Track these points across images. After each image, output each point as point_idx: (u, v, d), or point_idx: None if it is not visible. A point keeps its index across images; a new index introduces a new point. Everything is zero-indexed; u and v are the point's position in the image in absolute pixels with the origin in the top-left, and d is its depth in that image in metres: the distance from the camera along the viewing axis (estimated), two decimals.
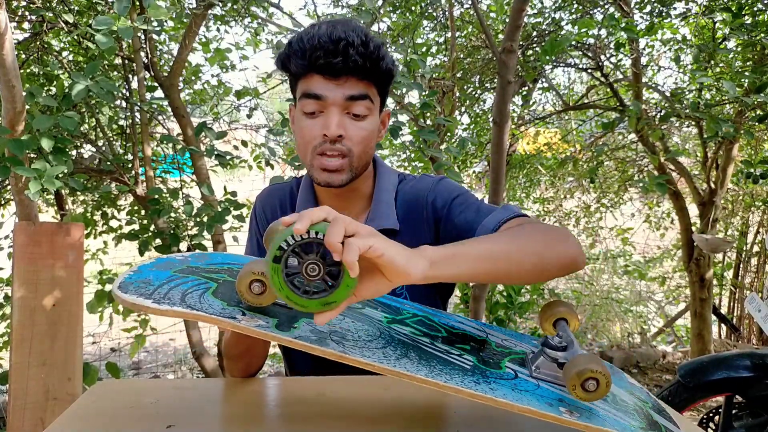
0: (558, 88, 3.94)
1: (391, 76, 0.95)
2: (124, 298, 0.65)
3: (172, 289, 0.69)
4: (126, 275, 0.71)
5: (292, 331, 0.67)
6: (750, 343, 4.57)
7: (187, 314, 0.65)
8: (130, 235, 2.38)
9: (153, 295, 0.66)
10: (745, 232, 4.66)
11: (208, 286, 0.72)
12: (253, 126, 3.36)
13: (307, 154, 0.93)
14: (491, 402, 0.64)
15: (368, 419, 0.78)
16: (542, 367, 0.71)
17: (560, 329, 0.74)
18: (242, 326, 0.66)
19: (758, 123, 2.95)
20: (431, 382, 0.64)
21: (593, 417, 0.65)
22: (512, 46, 2.15)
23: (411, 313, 0.83)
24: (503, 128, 2.28)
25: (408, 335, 0.75)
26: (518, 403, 0.64)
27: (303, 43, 0.89)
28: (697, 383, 2.02)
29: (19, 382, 1.68)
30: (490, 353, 0.76)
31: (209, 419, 0.78)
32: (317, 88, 0.90)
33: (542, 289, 3.96)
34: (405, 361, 0.67)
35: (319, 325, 0.70)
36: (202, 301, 0.68)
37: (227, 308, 0.68)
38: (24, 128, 1.73)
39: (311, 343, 0.65)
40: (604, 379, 0.62)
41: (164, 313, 0.64)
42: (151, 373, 3.98)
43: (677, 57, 3.21)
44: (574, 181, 4.48)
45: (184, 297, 0.68)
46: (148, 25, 1.92)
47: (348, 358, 0.65)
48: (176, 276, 0.73)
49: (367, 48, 0.88)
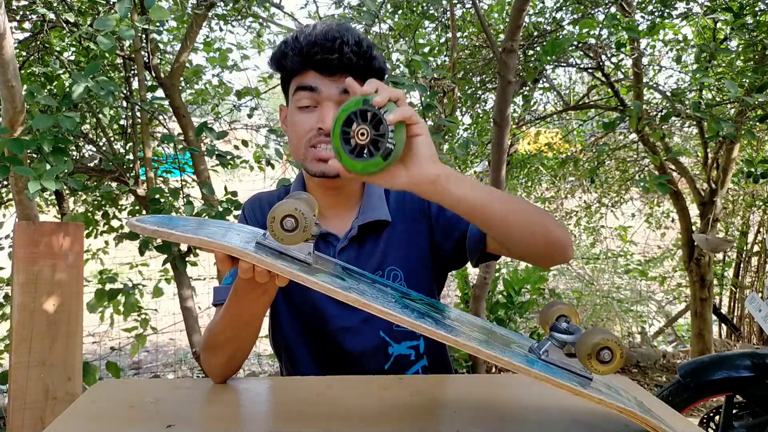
0: (559, 88, 3.94)
1: (384, 74, 0.98)
2: (141, 225, 0.64)
3: (190, 229, 0.68)
4: (135, 219, 0.69)
5: (315, 276, 0.65)
6: (750, 342, 4.56)
7: (209, 243, 0.64)
8: (130, 234, 2.38)
9: (170, 226, 0.65)
10: (746, 232, 4.66)
11: (228, 228, 0.72)
12: (254, 126, 3.36)
13: (301, 147, 0.95)
14: (514, 368, 0.62)
15: (368, 419, 0.77)
16: (550, 352, 0.71)
17: (563, 321, 0.75)
18: (268, 262, 0.65)
19: (759, 123, 2.95)
20: (452, 340, 0.63)
21: (605, 394, 0.65)
22: (513, 45, 2.15)
23: (419, 297, 0.84)
24: (504, 128, 2.28)
25: (423, 309, 0.75)
26: (536, 369, 0.63)
27: (299, 41, 0.92)
28: (697, 383, 2.02)
29: (18, 382, 1.68)
30: (498, 339, 0.76)
31: (209, 419, 0.78)
32: (312, 81, 0.92)
33: (542, 289, 3.96)
34: (424, 320, 0.66)
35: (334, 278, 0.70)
36: (224, 238, 0.67)
37: (250, 247, 0.67)
38: (24, 128, 1.73)
39: (335, 287, 0.64)
40: (619, 349, 0.62)
41: (188, 240, 0.63)
42: (151, 372, 3.98)
43: (678, 57, 3.21)
44: (575, 181, 4.48)
45: (198, 229, 0.67)
46: (150, 25, 1.92)
47: (372, 306, 0.63)
48: (191, 222, 0.73)
49: (360, 47, 0.92)
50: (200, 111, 3.46)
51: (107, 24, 1.66)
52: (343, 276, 0.76)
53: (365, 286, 0.75)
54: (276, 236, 0.65)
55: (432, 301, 0.87)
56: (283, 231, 0.65)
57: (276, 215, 0.64)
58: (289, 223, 0.64)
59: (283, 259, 0.68)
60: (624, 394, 0.73)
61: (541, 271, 3.83)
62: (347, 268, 0.85)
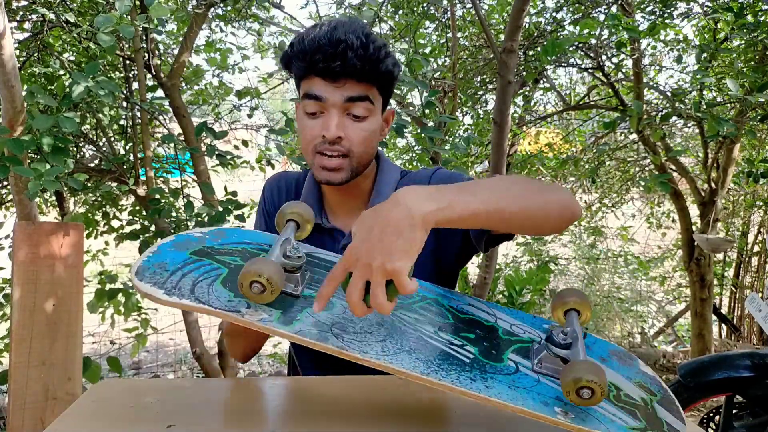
0: (560, 89, 3.94)
1: (393, 76, 0.95)
2: (139, 286, 0.70)
3: (185, 276, 0.72)
4: (145, 257, 0.74)
5: (294, 324, 0.69)
6: (750, 342, 4.56)
7: (195, 307, 0.69)
8: (131, 234, 2.38)
9: (166, 284, 0.70)
10: (746, 232, 4.66)
11: (219, 273, 0.75)
12: (254, 126, 3.36)
13: (308, 152, 0.95)
14: (484, 401, 0.64)
15: (368, 419, 0.77)
16: (545, 362, 0.71)
17: (568, 322, 0.74)
18: (245, 320, 0.68)
19: (760, 123, 2.95)
20: (425, 380, 0.65)
21: (589, 419, 0.65)
22: (513, 45, 2.15)
23: (420, 296, 0.83)
24: (504, 128, 2.27)
25: (411, 324, 0.75)
26: (512, 403, 0.64)
27: (303, 45, 0.90)
28: (697, 383, 2.02)
29: (19, 382, 1.68)
30: (495, 342, 0.75)
31: (209, 419, 0.77)
32: (317, 90, 0.91)
33: (543, 290, 3.96)
34: (403, 356, 0.68)
35: (318, 313, 0.71)
36: (210, 293, 0.71)
37: (233, 300, 0.70)
38: (24, 128, 1.73)
39: (312, 338, 0.67)
40: (599, 389, 0.61)
41: (174, 305, 0.69)
42: (151, 372, 3.98)
43: (679, 57, 3.21)
44: (576, 181, 4.48)
45: (194, 287, 0.71)
46: (150, 24, 1.92)
47: (347, 354, 0.66)
48: (191, 260, 0.76)
49: (366, 50, 0.88)
50: (200, 111, 3.46)
51: (107, 22, 1.66)
52: (334, 296, 0.75)
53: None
54: (251, 299, 0.68)
55: (438, 293, 0.85)
56: (254, 294, 0.67)
57: (243, 281, 0.66)
58: (255, 288, 0.66)
59: None
60: (636, 398, 0.73)
61: (543, 271, 3.83)
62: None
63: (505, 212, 0.73)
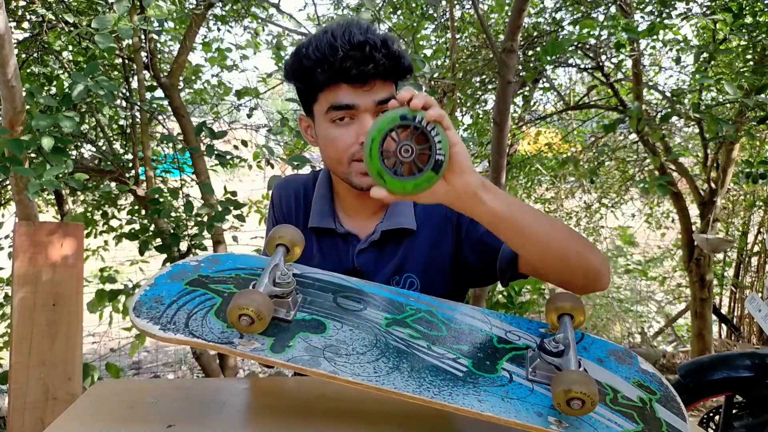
0: (559, 89, 3.94)
1: (411, 71, 0.94)
2: (136, 323, 0.72)
3: (180, 309, 0.74)
4: (142, 292, 0.76)
5: (286, 351, 0.70)
6: (750, 343, 4.56)
7: (190, 342, 0.72)
8: (130, 234, 2.38)
9: (161, 318, 0.72)
10: (746, 232, 4.66)
11: (213, 303, 0.76)
12: (253, 126, 3.35)
13: (343, 162, 0.92)
14: (477, 416, 0.65)
15: (368, 419, 0.77)
16: (539, 369, 0.71)
17: (561, 328, 0.74)
18: (238, 351, 0.70)
19: (758, 124, 2.95)
20: (418, 399, 0.66)
21: (583, 426, 0.66)
22: (512, 45, 2.15)
23: (414, 309, 0.82)
24: (503, 128, 2.28)
25: (405, 340, 0.75)
26: (504, 416, 0.65)
27: (324, 53, 0.86)
28: (697, 383, 2.02)
29: (19, 382, 1.68)
30: (489, 352, 0.75)
31: (209, 419, 0.78)
32: (346, 99, 0.88)
33: (543, 289, 3.95)
34: (395, 375, 0.69)
35: (310, 338, 0.73)
36: (204, 325, 0.73)
37: (226, 331, 0.72)
38: (24, 128, 1.73)
39: (304, 365, 0.69)
40: (590, 399, 0.61)
41: (170, 340, 0.72)
42: (151, 372, 3.98)
43: (678, 58, 3.21)
44: (575, 182, 4.48)
45: (188, 320, 0.73)
46: (148, 24, 1.92)
47: (338, 378, 0.68)
48: (186, 290, 0.77)
49: (388, 48, 0.87)
50: (199, 111, 3.46)
51: (106, 22, 1.66)
52: (328, 317, 0.76)
53: (348, 328, 0.75)
54: (241, 331, 0.69)
55: (432, 305, 0.84)
56: (243, 326, 0.68)
57: (231, 316, 0.67)
58: (244, 321, 0.67)
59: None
60: (635, 399, 0.72)
61: None
62: (343, 288, 0.84)
63: (541, 238, 0.77)
